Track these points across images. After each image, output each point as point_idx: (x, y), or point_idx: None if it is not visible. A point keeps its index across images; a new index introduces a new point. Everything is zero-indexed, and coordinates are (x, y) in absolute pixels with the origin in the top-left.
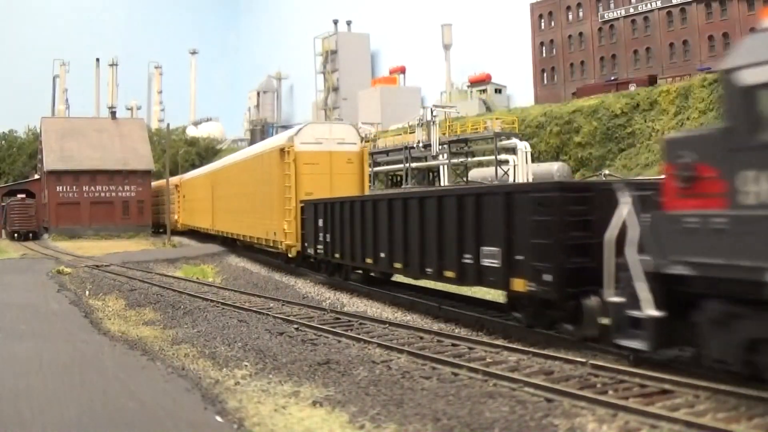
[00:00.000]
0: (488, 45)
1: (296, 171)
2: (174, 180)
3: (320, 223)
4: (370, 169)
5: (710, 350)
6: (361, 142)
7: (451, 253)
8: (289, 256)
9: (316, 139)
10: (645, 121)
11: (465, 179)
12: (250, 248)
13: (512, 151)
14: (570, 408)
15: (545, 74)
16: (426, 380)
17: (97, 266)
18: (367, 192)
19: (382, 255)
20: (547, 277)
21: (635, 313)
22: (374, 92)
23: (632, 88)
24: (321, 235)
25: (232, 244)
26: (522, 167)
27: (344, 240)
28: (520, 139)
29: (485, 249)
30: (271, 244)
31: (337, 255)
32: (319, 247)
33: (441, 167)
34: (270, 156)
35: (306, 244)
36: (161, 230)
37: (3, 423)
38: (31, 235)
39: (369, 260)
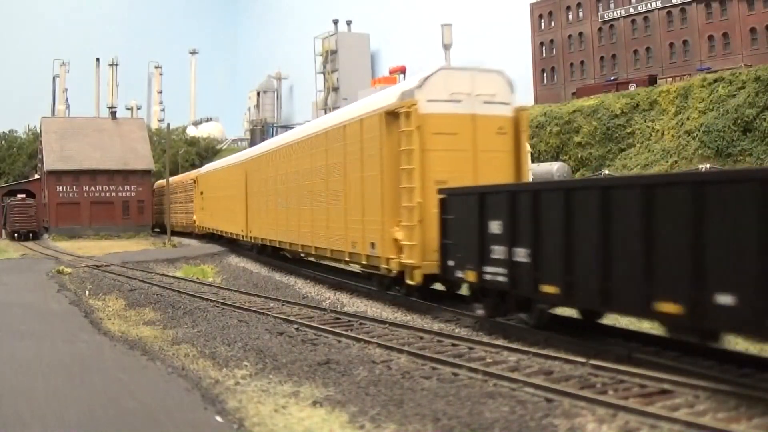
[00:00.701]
0: (488, 45)
1: (421, 145)
2: (191, 174)
3: (494, 228)
4: None
5: None
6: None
7: None
8: (409, 283)
9: (452, 95)
10: (645, 121)
11: None
12: (299, 261)
13: None
14: (570, 408)
15: (545, 74)
16: (426, 380)
17: (97, 266)
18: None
19: (726, 299)
20: None
21: None
22: (374, 92)
23: (632, 88)
24: (500, 249)
25: (275, 254)
26: None
27: (586, 261)
28: None
29: None
30: (364, 262)
31: (550, 289)
32: (493, 270)
33: None
34: (366, 125)
35: (451, 263)
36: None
37: (3, 423)
38: (31, 235)
39: (672, 307)
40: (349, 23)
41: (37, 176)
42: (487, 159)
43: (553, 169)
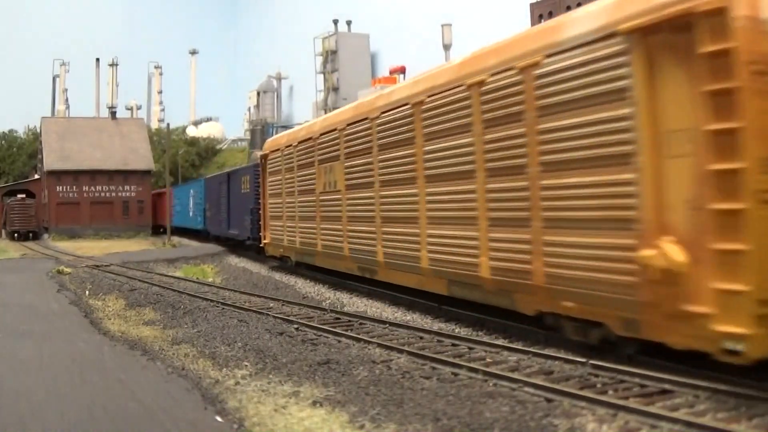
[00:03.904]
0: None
1: None
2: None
3: None
4: None
5: None
6: None
7: None
8: None
9: None
10: None
11: None
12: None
13: None
14: (570, 408)
15: None
16: (426, 380)
17: (97, 266)
18: None
19: None
20: None
21: None
22: (374, 92)
23: None
24: None
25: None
26: None
27: None
28: None
29: None
30: None
31: None
32: None
33: None
34: None
35: None
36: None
37: (3, 423)
38: (31, 235)
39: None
40: (349, 23)
41: (37, 176)
42: None
43: None
